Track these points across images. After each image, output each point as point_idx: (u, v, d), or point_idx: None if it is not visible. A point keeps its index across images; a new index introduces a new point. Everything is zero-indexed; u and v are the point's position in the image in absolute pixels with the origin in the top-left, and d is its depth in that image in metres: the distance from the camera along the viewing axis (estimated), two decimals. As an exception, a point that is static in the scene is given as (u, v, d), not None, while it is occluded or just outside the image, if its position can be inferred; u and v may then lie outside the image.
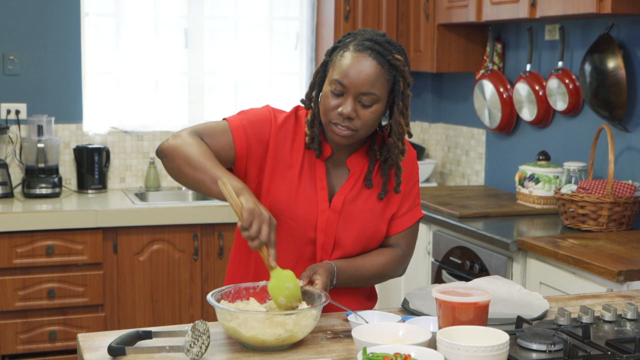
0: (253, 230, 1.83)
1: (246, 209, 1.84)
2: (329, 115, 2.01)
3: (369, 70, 1.98)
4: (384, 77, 2.00)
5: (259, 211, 1.84)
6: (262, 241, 1.84)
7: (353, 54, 1.99)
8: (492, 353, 1.58)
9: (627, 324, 1.97)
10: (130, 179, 4.49)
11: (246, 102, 4.62)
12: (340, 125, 2.01)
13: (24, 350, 3.83)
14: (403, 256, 2.20)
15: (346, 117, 1.99)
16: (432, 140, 4.88)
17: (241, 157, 2.08)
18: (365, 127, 2.02)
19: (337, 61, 2.01)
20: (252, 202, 1.86)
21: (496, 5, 3.68)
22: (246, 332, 1.75)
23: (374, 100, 2.00)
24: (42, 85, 4.31)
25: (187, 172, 1.99)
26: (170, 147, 2.02)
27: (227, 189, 1.86)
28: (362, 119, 2.00)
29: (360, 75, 1.97)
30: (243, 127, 2.07)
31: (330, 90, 2.01)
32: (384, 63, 1.99)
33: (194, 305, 4.04)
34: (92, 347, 1.79)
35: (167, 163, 2.05)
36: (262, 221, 1.84)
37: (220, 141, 2.06)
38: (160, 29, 4.48)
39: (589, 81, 3.45)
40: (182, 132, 2.05)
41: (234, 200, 1.85)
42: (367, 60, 1.98)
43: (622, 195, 3.25)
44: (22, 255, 3.77)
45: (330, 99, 2.01)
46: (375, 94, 1.99)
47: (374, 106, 2.00)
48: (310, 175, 2.10)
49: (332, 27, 4.46)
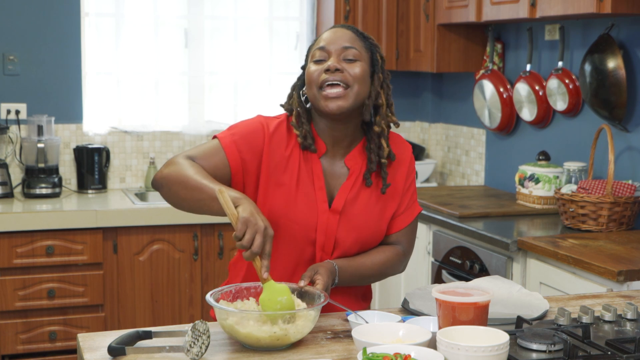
0: (246, 240, 1.79)
1: (241, 218, 1.80)
2: (317, 80, 2.04)
3: (345, 34, 2.08)
4: (360, 43, 2.08)
5: (254, 221, 1.80)
6: (254, 252, 1.80)
7: (327, 31, 2.11)
8: (492, 353, 1.58)
9: (627, 324, 1.97)
10: (130, 179, 4.49)
11: (246, 102, 4.63)
12: (330, 81, 2.02)
13: (24, 350, 3.83)
14: (404, 253, 2.20)
15: (334, 69, 2.02)
16: (432, 140, 4.88)
17: (237, 173, 2.07)
18: (356, 81, 2.04)
19: (312, 48, 2.10)
20: (249, 211, 1.82)
21: (496, 5, 3.68)
22: (242, 330, 1.75)
23: (357, 56, 2.06)
24: (42, 85, 4.31)
25: (185, 195, 1.97)
26: (165, 175, 2.01)
27: (224, 198, 1.83)
28: (351, 73, 2.04)
29: (338, 34, 2.08)
30: (235, 143, 2.06)
31: (313, 62, 2.07)
32: (358, 34, 2.10)
33: (194, 305, 4.04)
34: (92, 347, 1.79)
35: (164, 192, 2.03)
36: (257, 231, 1.80)
37: (213, 161, 2.05)
38: (160, 29, 4.48)
39: (589, 81, 3.45)
40: (174, 159, 2.04)
41: (231, 210, 1.83)
42: (342, 29, 2.10)
43: (622, 195, 3.26)
44: (22, 255, 3.77)
45: (314, 68, 2.06)
46: (356, 49, 2.06)
47: (358, 62, 2.06)
48: (308, 176, 2.10)
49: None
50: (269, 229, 1.83)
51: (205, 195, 1.91)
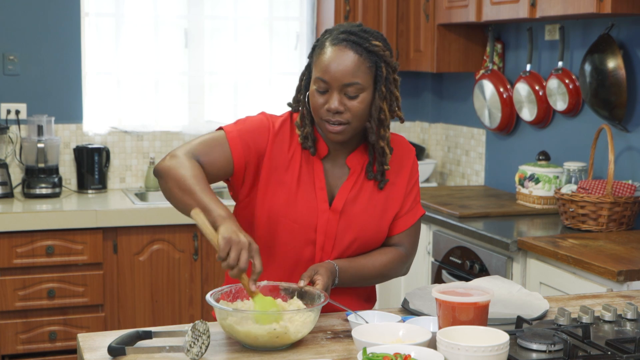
0: (232, 258, 1.77)
1: (222, 237, 1.78)
2: (319, 113, 2.03)
3: (347, 61, 1.98)
4: (365, 65, 2.00)
5: (236, 239, 1.78)
6: (241, 269, 1.78)
7: (330, 48, 2.00)
8: (492, 353, 1.58)
9: (627, 324, 1.97)
10: (130, 179, 4.49)
11: (246, 102, 4.62)
12: (331, 122, 2.01)
13: (24, 350, 3.83)
14: (406, 255, 2.20)
15: (334, 112, 2.00)
16: (432, 140, 4.88)
17: (239, 169, 2.07)
18: (356, 118, 2.02)
19: (316, 60, 2.03)
20: (231, 229, 1.79)
21: (496, 5, 3.68)
22: (241, 328, 1.75)
23: (359, 90, 2.00)
24: (42, 85, 4.31)
25: (176, 194, 1.97)
26: (165, 168, 2.01)
27: (200, 220, 1.82)
28: (352, 111, 2.01)
29: (340, 67, 1.98)
30: (240, 138, 2.06)
31: (316, 89, 2.02)
32: (361, 52, 1.99)
33: (194, 305, 4.04)
34: (92, 347, 1.79)
35: (161, 184, 2.04)
36: (241, 247, 1.78)
37: (217, 155, 2.05)
38: (160, 29, 4.48)
39: (589, 81, 3.45)
40: (178, 152, 2.03)
41: (209, 231, 1.82)
42: (344, 52, 1.99)
43: (622, 195, 3.26)
44: (22, 255, 3.77)
45: (317, 98, 2.02)
46: (359, 83, 1.99)
47: (360, 96, 2.01)
48: (309, 176, 2.10)
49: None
50: (253, 244, 1.81)
51: (193, 203, 1.91)
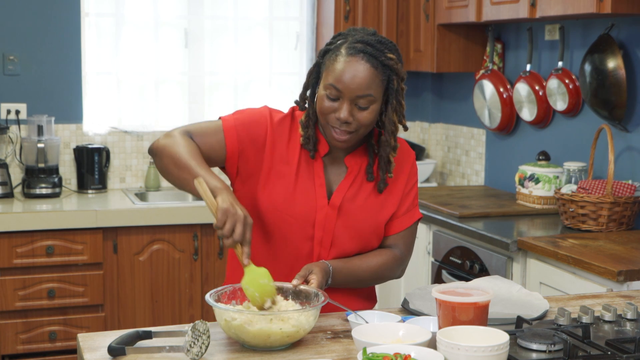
0: (226, 229, 1.85)
1: (220, 208, 1.86)
2: (327, 118, 2.03)
3: (363, 74, 1.98)
4: (379, 79, 2.00)
5: (233, 210, 1.85)
6: (235, 240, 1.86)
7: (346, 58, 1.99)
8: (492, 353, 1.58)
9: (627, 324, 1.97)
10: (130, 179, 4.49)
11: (246, 102, 4.62)
12: (338, 130, 2.02)
13: (24, 350, 3.83)
14: (401, 257, 2.20)
15: (344, 122, 2.00)
16: (432, 140, 4.88)
17: (232, 157, 2.09)
18: (363, 128, 2.03)
19: (330, 65, 2.01)
20: (228, 201, 1.87)
21: (496, 5, 3.68)
22: (251, 328, 1.75)
23: (371, 102, 2.00)
24: (42, 85, 4.31)
25: (173, 170, 2.02)
26: (160, 146, 2.05)
27: (202, 188, 1.89)
28: (360, 121, 2.01)
29: (355, 79, 1.97)
30: (235, 127, 2.09)
31: (326, 95, 2.01)
32: (377, 65, 1.99)
33: (194, 305, 4.04)
34: (92, 347, 1.79)
35: (157, 161, 2.08)
36: (237, 220, 1.85)
37: (211, 141, 2.08)
38: (160, 29, 4.48)
39: (589, 81, 3.45)
40: (173, 131, 2.08)
41: (210, 200, 1.89)
42: (360, 63, 1.98)
43: (622, 195, 3.26)
44: (22, 255, 3.77)
45: (326, 102, 2.02)
46: (372, 95, 2.00)
47: (370, 107, 2.01)
48: (308, 172, 2.11)
49: (332, 27, 4.46)
50: (248, 218, 1.88)
51: (190, 177, 1.96)
